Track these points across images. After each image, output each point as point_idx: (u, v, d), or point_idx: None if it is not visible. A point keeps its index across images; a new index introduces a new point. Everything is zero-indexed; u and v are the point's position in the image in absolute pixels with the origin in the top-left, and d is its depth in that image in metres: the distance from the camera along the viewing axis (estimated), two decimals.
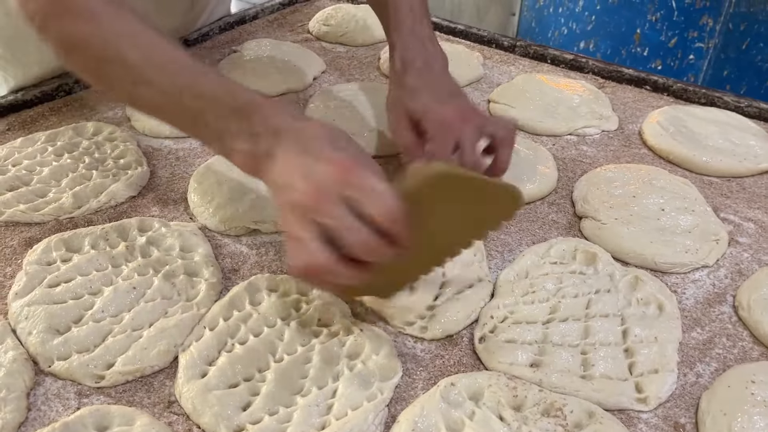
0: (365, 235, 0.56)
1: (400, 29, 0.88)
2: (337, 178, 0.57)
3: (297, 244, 0.58)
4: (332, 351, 0.65)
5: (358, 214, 0.56)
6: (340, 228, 0.56)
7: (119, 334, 0.66)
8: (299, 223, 0.58)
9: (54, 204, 0.82)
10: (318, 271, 0.58)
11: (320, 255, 0.57)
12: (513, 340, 0.67)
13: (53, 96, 1.06)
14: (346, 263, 0.57)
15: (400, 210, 0.56)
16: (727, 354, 0.67)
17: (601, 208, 0.84)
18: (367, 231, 0.56)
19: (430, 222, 0.61)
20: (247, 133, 0.62)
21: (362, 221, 0.56)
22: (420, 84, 0.83)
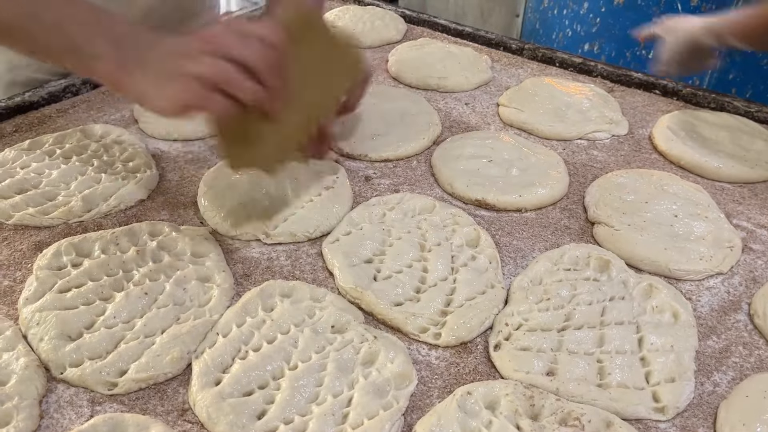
0: (254, 45, 0.64)
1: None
2: (220, 26, 0.66)
3: (187, 77, 0.64)
4: (347, 358, 0.65)
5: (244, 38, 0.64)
6: (232, 46, 0.63)
7: (132, 340, 0.65)
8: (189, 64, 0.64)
9: (63, 207, 0.82)
10: (195, 95, 0.64)
11: (210, 62, 0.63)
12: (528, 347, 0.67)
13: (60, 97, 1.06)
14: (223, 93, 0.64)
15: (278, 29, 0.64)
16: (744, 363, 0.67)
17: (614, 214, 0.84)
18: (256, 43, 0.64)
19: (297, 67, 0.67)
20: (109, 44, 0.66)
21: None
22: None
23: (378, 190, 0.91)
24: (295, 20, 0.69)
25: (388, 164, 0.97)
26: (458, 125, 1.07)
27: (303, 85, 0.70)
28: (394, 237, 0.80)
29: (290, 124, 0.72)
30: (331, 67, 0.73)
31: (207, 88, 0.65)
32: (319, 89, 0.73)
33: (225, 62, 0.64)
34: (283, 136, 0.72)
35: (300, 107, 0.71)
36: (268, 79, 0.66)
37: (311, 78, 0.71)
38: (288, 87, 0.67)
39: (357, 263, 0.76)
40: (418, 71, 1.18)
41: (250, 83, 0.65)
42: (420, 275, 0.76)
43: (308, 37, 0.70)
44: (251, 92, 0.66)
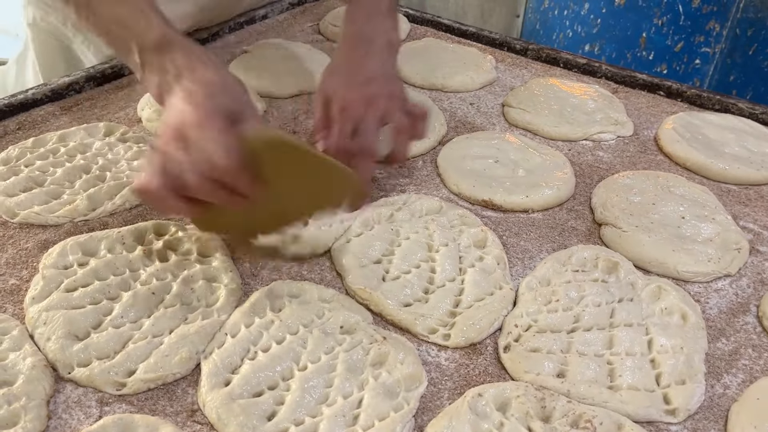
0: (200, 175, 0.63)
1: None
2: (194, 123, 0.64)
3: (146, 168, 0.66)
4: (356, 359, 0.64)
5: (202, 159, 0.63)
6: (181, 163, 0.64)
7: (140, 340, 0.65)
8: (157, 154, 0.66)
9: (68, 206, 0.81)
10: (150, 195, 0.66)
11: (154, 181, 0.64)
12: (538, 349, 0.67)
13: (64, 95, 1.05)
14: (179, 197, 0.65)
15: (232, 162, 0.63)
16: (754, 365, 0.67)
17: (621, 216, 0.84)
18: (197, 175, 0.63)
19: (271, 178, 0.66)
20: (159, 68, 0.71)
21: (200, 166, 0.63)
22: (341, 62, 0.87)
23: (384, 190, 0.91)
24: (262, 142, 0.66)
25: (394, 164, 0.96)
26: (463, 125, 1.06)
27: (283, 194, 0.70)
28: (402, 237, 0.80)
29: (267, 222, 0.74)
30: (318, 185, 0.72)
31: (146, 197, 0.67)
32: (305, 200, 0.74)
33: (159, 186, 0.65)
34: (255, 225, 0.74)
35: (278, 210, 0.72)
36: (210, 199, 0.66)
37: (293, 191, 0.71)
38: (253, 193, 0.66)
39: (366, 264, 0.75)
40: (422, 71, 1.18)
41: (185, 207, 0.67)
42: (428, 276, 0.75)
43: (280, 159, 0.67)
44: (181, 212, 0.71)
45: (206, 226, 0.76)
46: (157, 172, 0.65)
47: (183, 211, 0.69)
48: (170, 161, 0.64)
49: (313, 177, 0.71)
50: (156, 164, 0.65)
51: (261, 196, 0.66)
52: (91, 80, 1.08)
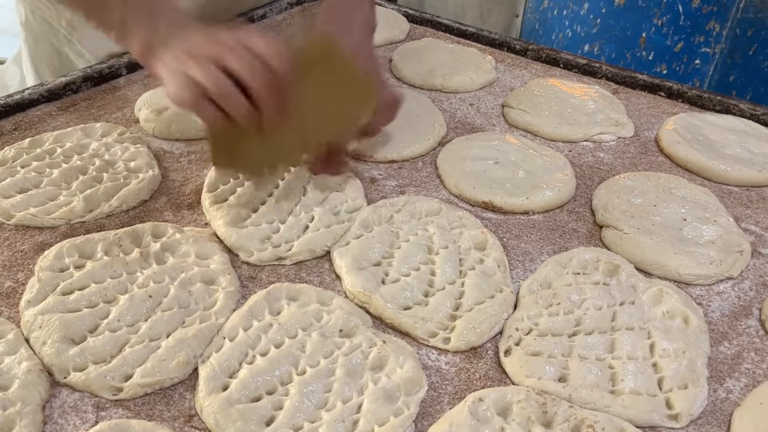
0: (255, 63, 0.65)
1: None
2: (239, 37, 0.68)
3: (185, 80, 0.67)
4: (355, 363, 0.64)
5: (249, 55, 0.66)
6: (236, 61, 0.65)
7: (137, 344, 0.64)
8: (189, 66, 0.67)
9: (65, 208, 0.80)
10: (209, 88, 0.66)
11: (209, 73, 0.66)
12: (539, 353, 0.66)
13: (60, 95, 1.04)
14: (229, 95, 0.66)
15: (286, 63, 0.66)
16: (756, 369, 0.66)
17: (622, 218, 0.83)
18: (257, 62, 0.65)
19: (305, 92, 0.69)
20: (148, 22, 0.73)
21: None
22: None
23: (384, 191, 0.90)
24: (309, 48, 0.71)
25: (393, 165, 0.96)
26: (463, 126, 1.06)
27: (308, 110, 0.71)
28: (401, 239, 0.79)
29: (286, 145, 0.74)
30: (342, 95, 0.74)
31: (201, 95, 0.67)
32: (326, 116, 0.74)
33: (223, 76, 0.66)
34: (275, 154, 0.75)
35: (301, 130, 0.73)
36: (262, 100, 0.67)
37: (318, 104, 0.72)
38: (285, 110, 0.68)
39: (365, 266, 0.75)
40: (422, 71, 1.17)
41: (242, 102, 0.67)
42: (428, 278, 0.75)
43: (321, 65, 0.71)
44: (241, 110, 0.68)
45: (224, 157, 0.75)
46: (208, 65, 0.66)
47: (241, 109, 0.67)
48: (221, 56, 0.66)
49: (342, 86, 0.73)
50: (206, 60, 0.66)
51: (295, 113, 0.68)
52: (88, 80, 1.07)
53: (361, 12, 0.89)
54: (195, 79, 0.66)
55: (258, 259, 0.76)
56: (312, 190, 0.86)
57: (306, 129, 0.74)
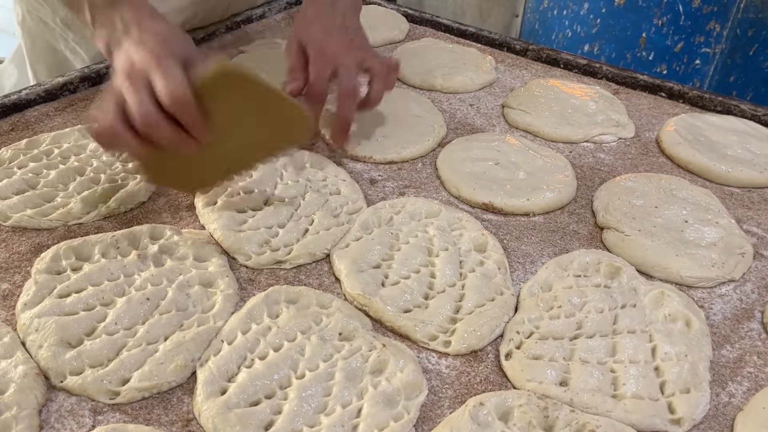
0: (148, 108, 0.67)
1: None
2: (146, 61, 0.68)
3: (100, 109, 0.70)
4: (355, 367, 0.63)
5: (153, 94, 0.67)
6: (131, 99, 0.67)
7: (134, 347, 0.63)
8: (109, 95, 0.69)
9: (62, 209, 0.80)
10: (106, 131, 0.69)
11: (109, 117, 0.68)
12: (540, 356, 0.65)
13: (57, 95, 1.03)
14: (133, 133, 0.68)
15: (185, 93, 0.66)
16: (759, 373, 0.66)
17: (624, 219, 0.83)
18: (151, 106, 0.67)
19: (221, 117, 0.70)
20: (109, 23, 0.75)
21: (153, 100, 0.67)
22: (314, 14, 0.91)
23: (384, 192, 0.89)
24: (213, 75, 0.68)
25: (392, 166, 0.95)
26: (463, 127, 1.05)
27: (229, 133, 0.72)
28: (401, 241, 0.79)
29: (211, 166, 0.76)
30: (267, 119, 0.73)
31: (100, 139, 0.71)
32: (253, 142, 0.75)
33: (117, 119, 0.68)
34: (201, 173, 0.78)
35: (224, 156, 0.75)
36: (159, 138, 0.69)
37: (241, 128, 0.73)
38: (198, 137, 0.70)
39: (365, 269, 0.74)
40: (422, 72, 1.16)
41: (132, 143, 0.69)
42: (428, 281, 0.74)
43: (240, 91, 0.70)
44: (132, 149, 0.71)
45: (153, 174, 0.77)
46: (111, 109, 0.68)
47: (133, 148, 0.70)
48: (123, 97, 0.68)
49: (264, 111, 0.72)
50: (109, 102, 0.69)
51: (210, 136, 0.70)
52: (85, 80, 1.06)
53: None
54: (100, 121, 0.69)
55: (256, 262, 0.76)
56: (310, 194, 0.85)
57: (230, 155, 0.75)
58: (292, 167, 0.88)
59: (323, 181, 0.88)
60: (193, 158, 0.72)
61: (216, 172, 0.78)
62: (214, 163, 0.75)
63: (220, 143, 0.72)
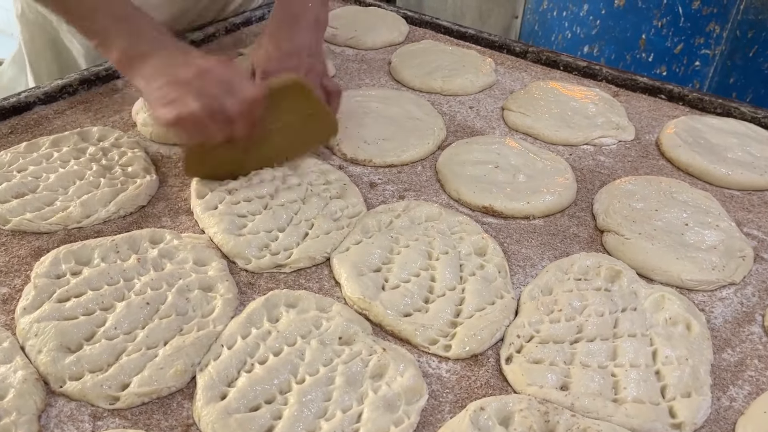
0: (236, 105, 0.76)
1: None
2: (217, 65, 0.78)
3: (175, 102, 0.76)
4: (355, 371, 0.63)
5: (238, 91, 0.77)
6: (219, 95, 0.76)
7: (134, 352, 0.63)
8: (179, 91, 0.76)
9: (62, 213, 0.80)
10: (190, 118, 0.75)
11: (195, 106, 0.75)
12: (540, 360, 0.65)
13: (57, 98, 1.03)
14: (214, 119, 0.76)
15: (263, 95, 0.79)
16: (760, 377, 0.66)
17: (624, 222, 0.82)
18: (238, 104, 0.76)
19: (274, 120, 0.83)
20: (128, 35, 0.80)
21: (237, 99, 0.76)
22: (268, 36, 0.96)
23: (384, 196, 0.89)
24: (282, 85, 0.84)
25: (392, 170, 0.95)
26: (463, 129, 1.05)
27: (275, 134, 0.86)
28: (401, 245, 0.79)
29: (250, 160, 0.87)
30: (307, 125, 0.89)
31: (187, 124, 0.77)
32: (291, 140, 0.89)
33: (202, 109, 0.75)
34: (240, 166, 0.87)
35: (266, 150, 0.87)
36: (238, 128, 0.78)
37: (285, 130, 0.87)
38: (256, 134, 0.81)
39: (365, 273, 0.74)
40: (421, 74, 1.16)
41: (218, 130, 0.77)
42: (428, 284, 0.74)
43: (291, 99, 0.85)
44: (216, 136, 0.78)
45: (197, 165, 0.85)
46: (196, 98, 0.75)
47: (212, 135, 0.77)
48: (207, 91, 0.75)
49: (309, 117, 0.88)
50: (193, 93, 0.75)
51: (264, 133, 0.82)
52: (84, 83, 1.06)
53: (311, 12, 0.97)
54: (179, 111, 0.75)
55: (256, 266, 0.75)
56: (310, 198, 0.85)
57: (271, 149, 0.88)
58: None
59: (324, 185, 0.88)
60: (238, 152, 0.83)
61: (254, 164, 0.87)
62: (255, 156, 0.86)
63: (266, 141, 0.85)
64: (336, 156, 0.97)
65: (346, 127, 1.00)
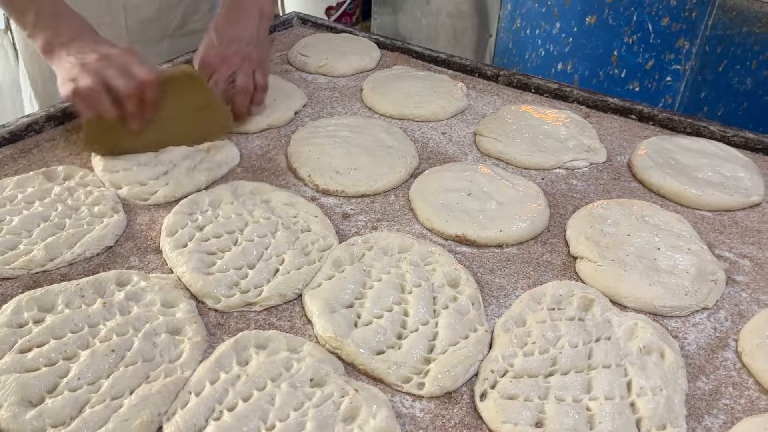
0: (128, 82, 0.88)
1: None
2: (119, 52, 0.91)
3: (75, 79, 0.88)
4: (327, 415, 0.62)
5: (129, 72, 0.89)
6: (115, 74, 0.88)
7: (97, 404, 0.61)
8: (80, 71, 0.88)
9: (25, 257, 0.78)
10: (86, 92, 0.87)
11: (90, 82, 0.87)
12: (515, 396, 0.64)
13: (22, 136, 1.02)
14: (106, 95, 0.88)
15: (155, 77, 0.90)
16: (735, 404, 0.65)
17: (596, 249, 0.82)
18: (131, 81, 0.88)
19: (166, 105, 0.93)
20: (53, 28, 0.94)
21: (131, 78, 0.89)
22: (213, 26, 1.07)
23: (357, 227, 0.89)
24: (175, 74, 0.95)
25: (365, 199, 0.94)
26: (435, 156, 1.05)
27: (169, 120, 0.95)
28: (374, 278, 0.78)
29: (147, 141, 0.96)
30: (200, 115, 0.98)
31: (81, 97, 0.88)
32: (183, 129, 0.98)
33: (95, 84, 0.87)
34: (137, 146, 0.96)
35: (160, 134, 0.96)
36: (128, 105, 0.89)
37: (178, 118, 0.96)
38: (148, 115, 0.92)
39: (337, 309, 0.73)
40: (393, 101, 1.16)
41: (110, 105, 0.89)
42: (401, 319, 0.73)
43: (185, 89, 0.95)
44: (108, 111, 0.89)
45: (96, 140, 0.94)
46: (92, 76, 0.87)
47: (106, 109, 0.88)
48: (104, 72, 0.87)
49: (201, 108, 0.97)
50: (86, 75, 0.87)
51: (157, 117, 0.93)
52: (51, 120, 1.05)
53: (255, 4, 1.07)
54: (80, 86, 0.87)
55: (225, 306, 0.74)
56: (280, 232, 0.84)
57: (164, 134, 0.96)
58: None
59: (294, 217, 0.87)
60: (132, 132, 0.92)
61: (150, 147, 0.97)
62: (149, 138, 0.95)
63: (161, 126, 0.95)
64: (308, 187, 0.96)
65: (318, 157, 0.99)
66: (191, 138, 0.99)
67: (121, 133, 0.92)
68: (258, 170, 1.00)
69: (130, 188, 0.91)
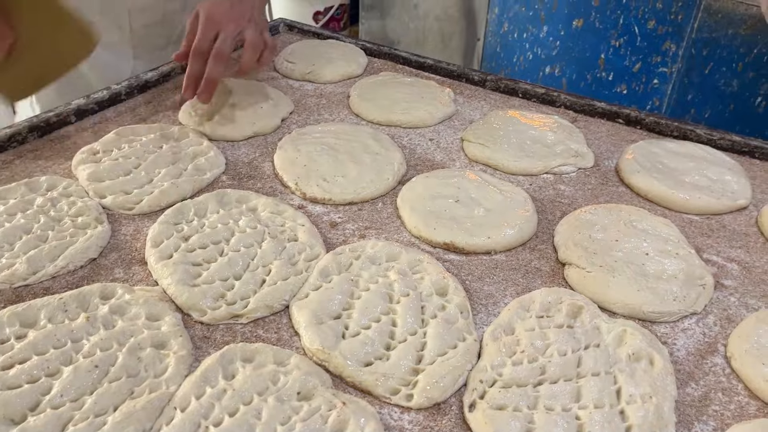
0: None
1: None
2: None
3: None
4: (314, 429, 0.61)
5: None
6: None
7: (80, 421, 0.60)
8: None
9: (6, 271, 0.77)
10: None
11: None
12: (504, 406, 0.64)
13: (5, 147, 1.00)
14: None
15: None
16: (724, 411, 0.65)
17: (584, 255, 0.82)
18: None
19: (24, 30, 0.90)
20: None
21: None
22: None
23: (344, 235, 0.88)
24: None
25: (353, 207, 0.94)
26: (423, 163, 1.04)
27: (27, 51, 0.92)
28: (361, 288, 0.77)
29: (13, 75, 0.93)
30: (59, 36, 0.94)
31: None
32: (44, 58, 0.94)
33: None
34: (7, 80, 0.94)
35: (20, 70, 0.93)
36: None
37: (35, 46, 0.92)
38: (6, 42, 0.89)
39: (324, 321, 0.72)
40: (380, 107, 1.16)
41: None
42: (389, 330, 0.72)
43: (37, 11, 0.91)
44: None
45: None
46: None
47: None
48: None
49: (58, 27, 0.93)
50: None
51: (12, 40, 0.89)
52: (34, 130, 1.03)
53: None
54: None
55: (211, 318, 0.73)
56: (267, 242, 0.83)
57: (24, 69, 0.93)
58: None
59: (281, 226, 0.87)
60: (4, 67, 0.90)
61: (23, 82, 0.96)
62: (20, 72, 0.93)
63: (24, 54, 0.91)
64: (295, 195, 0.95)
65: (305, 165, 0.98)
66: (55, 68, 0.97)
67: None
68: (244, 178, 0.99)
69: (114, 197, 0.90)
